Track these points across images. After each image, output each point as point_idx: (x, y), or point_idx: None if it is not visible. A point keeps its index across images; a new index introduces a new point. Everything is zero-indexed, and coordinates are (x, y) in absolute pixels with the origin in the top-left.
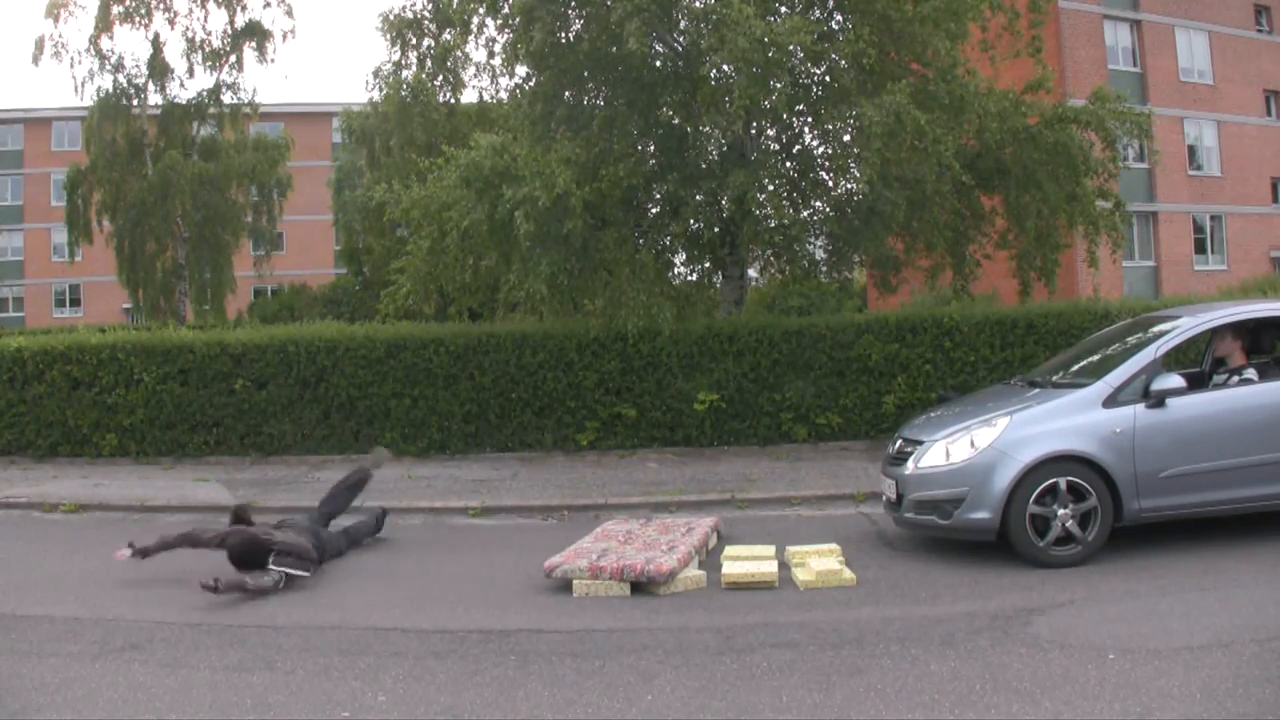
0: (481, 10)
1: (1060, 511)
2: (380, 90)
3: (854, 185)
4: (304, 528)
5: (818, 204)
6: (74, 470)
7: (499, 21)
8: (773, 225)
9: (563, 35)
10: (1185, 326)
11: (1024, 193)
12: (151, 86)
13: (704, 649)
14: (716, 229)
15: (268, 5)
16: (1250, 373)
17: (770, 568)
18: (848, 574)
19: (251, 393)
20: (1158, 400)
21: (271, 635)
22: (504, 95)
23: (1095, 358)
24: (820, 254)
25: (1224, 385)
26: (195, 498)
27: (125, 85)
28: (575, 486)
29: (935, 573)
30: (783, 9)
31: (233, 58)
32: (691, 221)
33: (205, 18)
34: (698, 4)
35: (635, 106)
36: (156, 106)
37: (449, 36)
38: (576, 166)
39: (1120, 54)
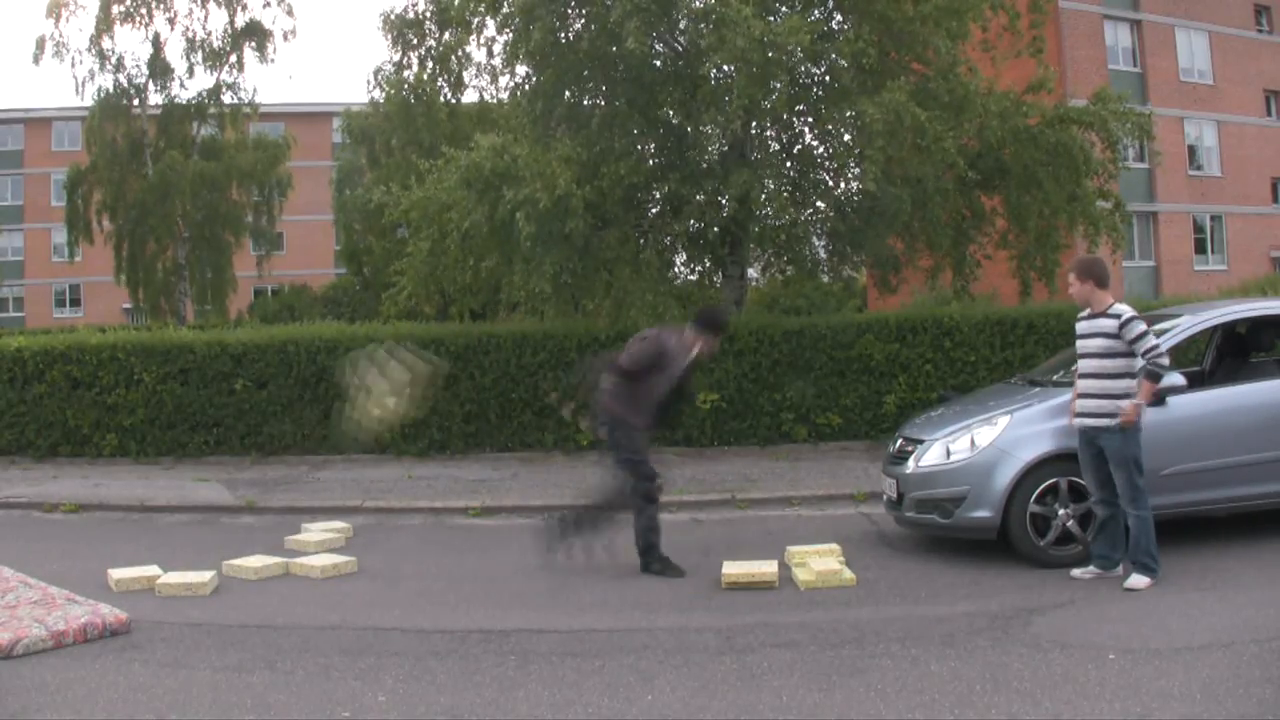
0: (482, 9)
1: (1061, 511)
2: (381, 90)
3: (856, 184)
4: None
5: (819, 203)
6: (74, 470)
7: (499, 20)
8: (774, 225)
9: (563, 35)
10: (1186, 325)
11: (1025, 193)
12: (152, 86)
13: (704, 649)
14: (717, 229)
15: (268, 5)
16: None
17: (770, 568)
18: (848, 574)
19: (251, 393)
20: (1158, 399)
21: (271, 635)
22: (504, 95)
23: None
24: (821, 254)
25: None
26: (195, 498)
27: (126, 85)
28: (575, 487)
29: (935, 573)
30: (782, 9)
31: (233, 58)
32: (692, 221)
33: (205, 17)
34: (697, 3)
35: (635, 106)
36: (157, 106)
37: (450, 36)
38: (577, 166)
39: (1120, 54)
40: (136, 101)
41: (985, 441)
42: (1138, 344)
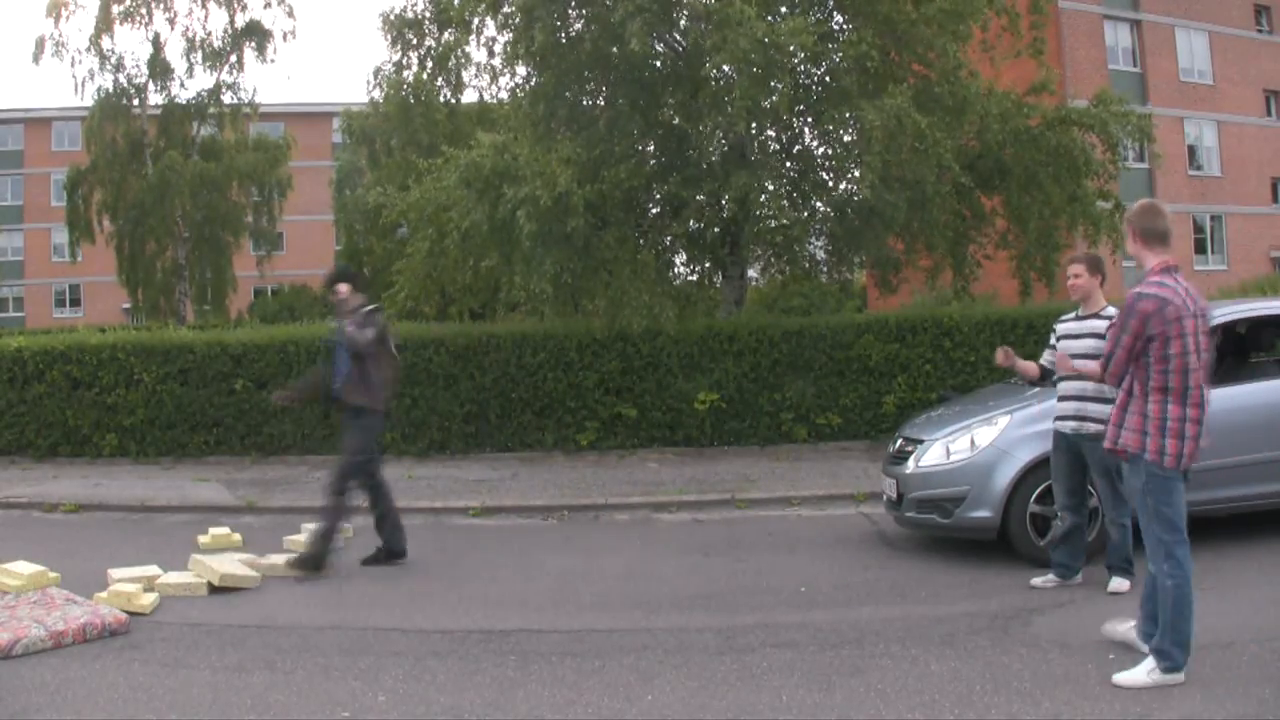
0: (481, 9)
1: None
2: (381, 90)
3: (855, 186)
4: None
5: (818, 204)
6: (74, 470)
7: (499, 21)
8: (773, 226)
9: (563, 35)
10: None
11: (1025, 193)
12: (152, 86)
13: (704, 649)
14: (717, 229)
15: (268, 5)
16: None
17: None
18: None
19: (251, 393)
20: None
21: (271, 635)
22: (504, 95)
23: None
24: (820, 254)
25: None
26: (195, 498)
27: (125, 85)
28: (575, 486)
29: (935, 573)
30: (783, 9)
31: (233, 58)
32: (692, 222)
33: (205, 18)
34: (699, 4)
35: (636, 107)
36: (157, 106)
37: (449, 36)
38: (577, 166)
39: (1120, 54)
40: (136, 101)
41: (985, 441)
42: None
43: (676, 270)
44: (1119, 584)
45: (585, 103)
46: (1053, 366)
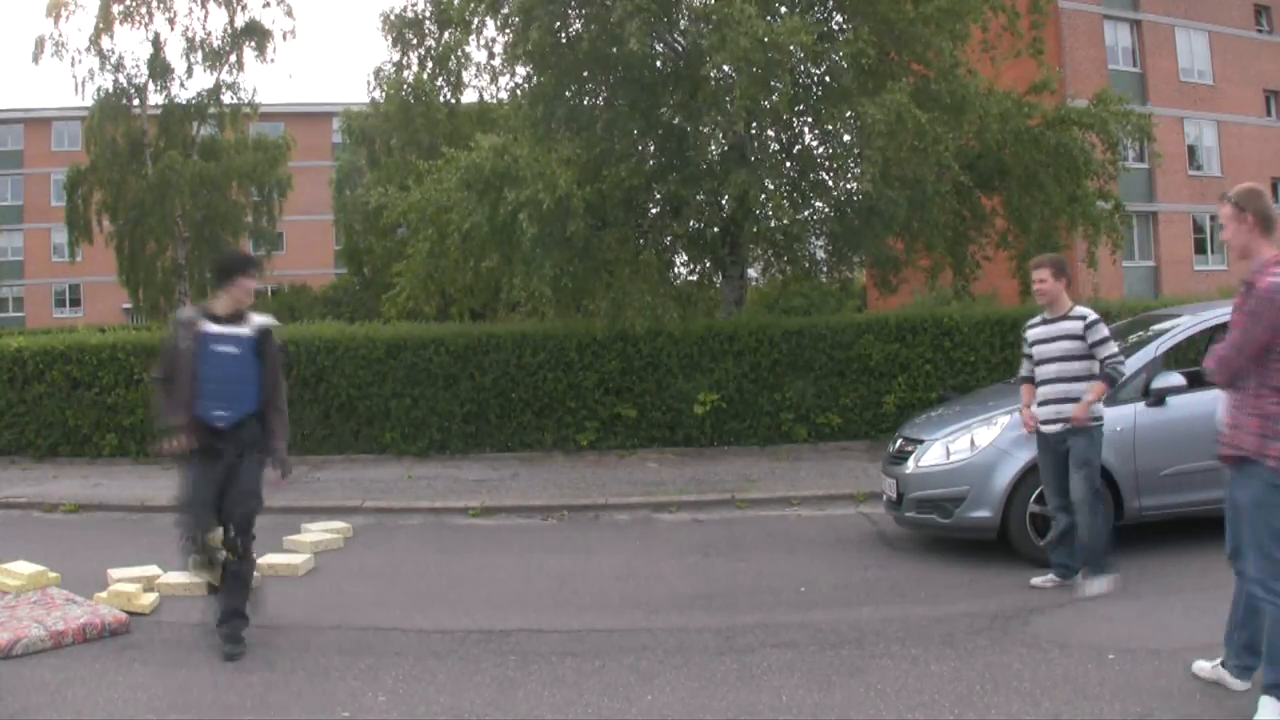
0: (481, 9)
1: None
2: (381, 90)
3: (855, 185)
4: None
5: (818, 204)
6: (74, 470)
7: (498, 21)
8: (773, 225)
9: (562, 35)
10: (1185, 325)
11: (1025, 194)
12: (152, 86)
13: (704, 649)
14: (717, 229)
15: (268, 5)
16: None
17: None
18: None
19: None
20: (1158, 399)
21: (271, 635)
22: (504, 95)
23: None
24: (820, 254)
25: None
26: None
27: (125, 85)
28: (575, 486)
29: (935, 573)
30: (782, 9)
31: (233, 57)
32: (692, 221)
33: (205, 17)
34: (698, 3)
35: (636, 107)
36: (157, 106)
37: (449, 36)
38: (577, 167)
39: (1120, 54)
40: (136, 101)
41: (985, 441)
42: (1099, 348)
43: (676, 270)
44: (1102, 585)
45: (585, 103)
46: (1032, 375)
